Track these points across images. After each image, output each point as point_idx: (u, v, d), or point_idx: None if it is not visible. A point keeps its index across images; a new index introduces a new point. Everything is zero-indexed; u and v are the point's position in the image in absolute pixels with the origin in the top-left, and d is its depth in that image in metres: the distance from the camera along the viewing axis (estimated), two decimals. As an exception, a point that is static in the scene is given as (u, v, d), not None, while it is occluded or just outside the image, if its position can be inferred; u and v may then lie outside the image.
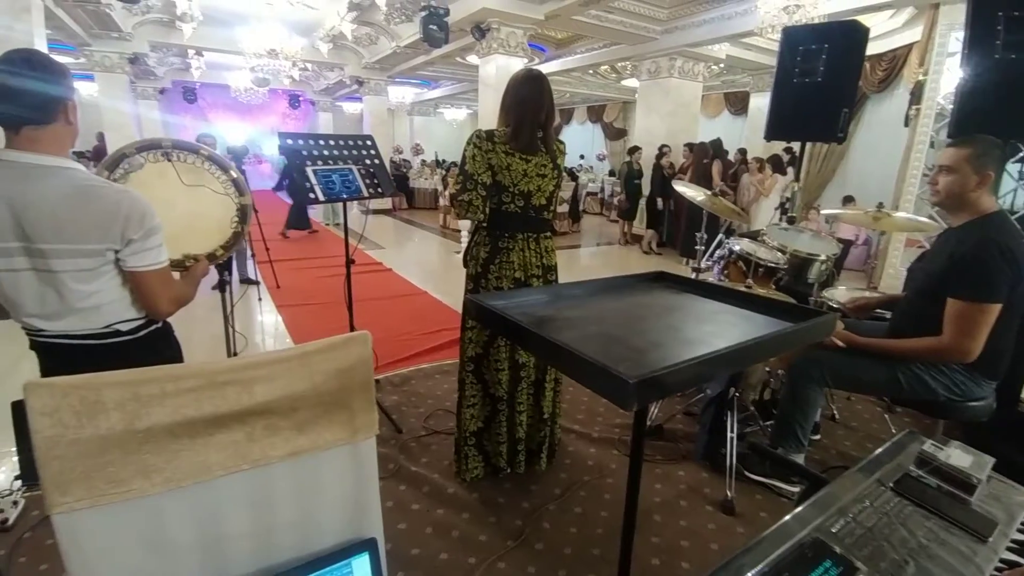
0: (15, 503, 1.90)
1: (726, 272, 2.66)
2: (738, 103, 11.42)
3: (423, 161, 13.75)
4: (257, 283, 5.02)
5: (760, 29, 5.40)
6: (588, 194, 12.44)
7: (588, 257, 7.78)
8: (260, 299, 4.71)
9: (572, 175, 10.89)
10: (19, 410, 1.90)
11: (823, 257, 2.44)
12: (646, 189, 7.82)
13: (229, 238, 1.73)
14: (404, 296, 5.01)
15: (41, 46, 4.82)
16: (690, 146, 7.40)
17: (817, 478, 1.04)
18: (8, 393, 2.04)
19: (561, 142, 2.01)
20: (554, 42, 9.26)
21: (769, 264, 2.43)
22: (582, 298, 1.20)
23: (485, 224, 1.92)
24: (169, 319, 1.45)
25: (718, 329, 1.02)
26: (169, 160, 1.64)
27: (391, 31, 8.54)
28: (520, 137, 1.84)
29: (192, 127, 14.60)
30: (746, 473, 2.12)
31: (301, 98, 15.85)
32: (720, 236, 3.09)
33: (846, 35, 2.78)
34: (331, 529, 0.98)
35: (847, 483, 0.87)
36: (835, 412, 2.73)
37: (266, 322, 4.26)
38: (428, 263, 6.99)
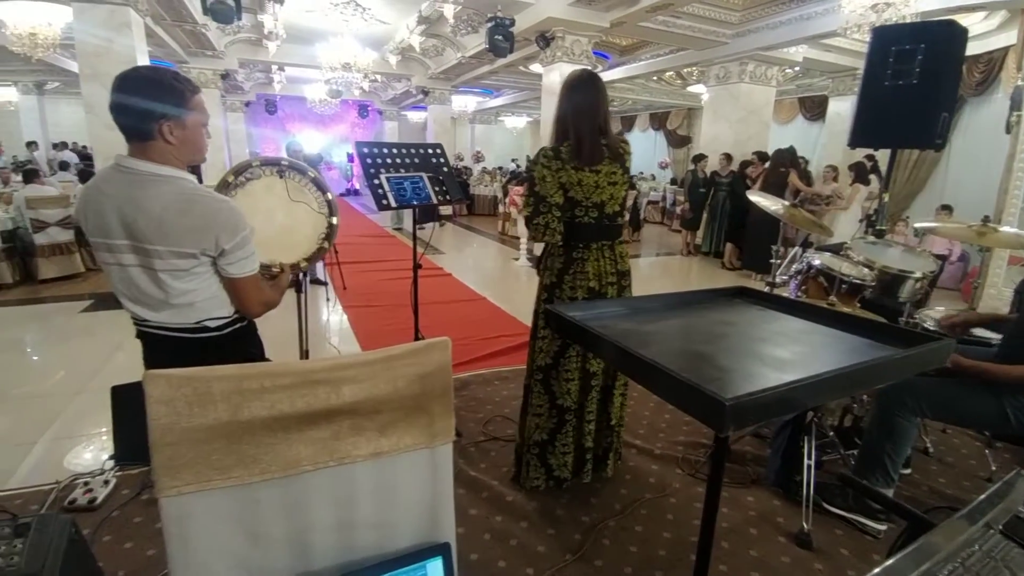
0: (106, 482, 1.97)
1: (804, 288, 2.50)
2: (814, 108, 10.79)
3: (484, 168, 14.00)
4: (325, 284, 5.28)
5: (844, 29, 5.08)
6: (649, 203, 12.16)
7: (648, 267, 7.58)
8: (328, 299, 4.95)
9: (631, 184, 10.68)
10: (118, 395, 2.08)
11: (918, 274, 2.24)
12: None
13: (314, 252, 1.86)
14: (463, 301, 5.10)
15: (143, 60, 5.22)
16: (759, 155, 7.07)
17: (920, 519, 0.96)
18: (106, 379, 2.25)
19: (625, 141, 1.97)
20: (618, 49, 9.16)
21: (854, 280, 2.26)
22: (660, 311, 1.16)
23: (561, 243, 1.90)
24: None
25: (812, 351, 0.96)
26: (281, 177, 1.82)
27: (457, 42, 8.78)
28: (583, 152, 1.80)
29: (272, 137, 15.70)
30: (824, 505, 1.98)
31: (369, 108, 16.60)
32: (796, 249, 2.92)
33: (944, 35, 2.57)
34: (407, 531, 1.01)
35: (954, 527, 0.82)
36: (928, 445, 2.49)
37: (333, 322, 4.47)
38: (487, 269, 7.08)
